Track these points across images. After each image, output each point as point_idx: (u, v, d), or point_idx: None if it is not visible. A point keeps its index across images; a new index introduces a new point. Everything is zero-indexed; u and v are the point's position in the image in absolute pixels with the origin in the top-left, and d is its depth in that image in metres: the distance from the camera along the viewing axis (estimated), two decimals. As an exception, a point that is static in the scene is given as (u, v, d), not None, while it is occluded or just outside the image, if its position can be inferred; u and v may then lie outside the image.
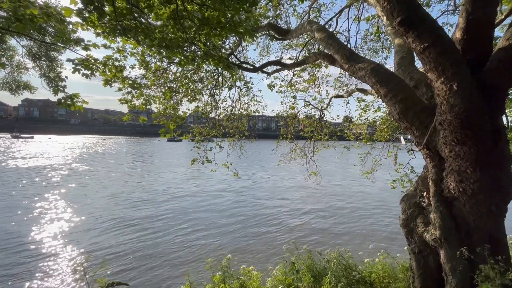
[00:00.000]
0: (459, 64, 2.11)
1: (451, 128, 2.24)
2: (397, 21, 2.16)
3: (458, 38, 2.23)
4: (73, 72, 3.41)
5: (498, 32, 5.16)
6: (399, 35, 3.83)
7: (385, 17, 4.34)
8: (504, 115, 2.45)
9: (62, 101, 3.47)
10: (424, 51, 2.15)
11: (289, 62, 6.39)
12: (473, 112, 2.10)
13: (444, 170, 2.61)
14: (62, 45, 3.95)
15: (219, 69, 5.71)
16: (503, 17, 3.69)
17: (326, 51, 4.08)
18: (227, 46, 5.99)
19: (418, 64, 3.69)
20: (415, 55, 3.65)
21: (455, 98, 2.11)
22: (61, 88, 3.64)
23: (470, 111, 2.09)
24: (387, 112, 3.70)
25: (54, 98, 3.60)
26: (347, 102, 7.51)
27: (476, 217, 2.42)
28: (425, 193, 2.92)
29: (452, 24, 6.65)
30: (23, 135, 63.18)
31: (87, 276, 2.92)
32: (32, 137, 62.67)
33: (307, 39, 7.18)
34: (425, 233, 2.68)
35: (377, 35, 7.18)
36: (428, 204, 2.83)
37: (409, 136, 3.01)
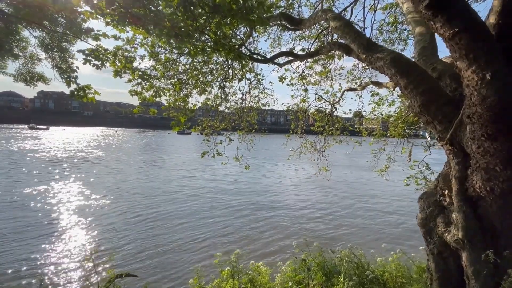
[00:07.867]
0: (493, 52, 1.91)
1: (481, 122, 2.06)
2: (424, 4, 1.97)
3: (493, 23, 2.03)
4: (84, 63, 3.36)
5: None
6: (421, 23, 3.59)
7: (404, 5, 4.09)
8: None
9: (75, 92, 3.46)
10: (453, 37, 1.96)
11: (301, 53, 6.19)
12: (507, 105, 1.92)
13: (469, 168, 2.43)
14: (72, 35, 3.92)
15: (229, 61, 5.58)
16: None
17: (341, 40, 3.88)
18: (238, 37, 5.85)
19: (440, 54, 3.45)
20: (437, 45, 3.43)
21: (487, 89, 1.92)
22: (73, 79, 3.62)
23: (504, 104, 1.91)
24: (407, 104, 3.51)
25: (68, 91, 3.56)
26: (360, 96, 7.26)
27: (504, 218, 2.25)
28: (446, 191, 2.74)
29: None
30: (39, 127, 65.26)
31: (95, 270, 2.93)
32: (47, 129, 64.73)
33: (319, 30, 6.94)
34: (446, 234, 2.52)
35: (393, 25, 6.85)
36: (449, 203, 2.66)
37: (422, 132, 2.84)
